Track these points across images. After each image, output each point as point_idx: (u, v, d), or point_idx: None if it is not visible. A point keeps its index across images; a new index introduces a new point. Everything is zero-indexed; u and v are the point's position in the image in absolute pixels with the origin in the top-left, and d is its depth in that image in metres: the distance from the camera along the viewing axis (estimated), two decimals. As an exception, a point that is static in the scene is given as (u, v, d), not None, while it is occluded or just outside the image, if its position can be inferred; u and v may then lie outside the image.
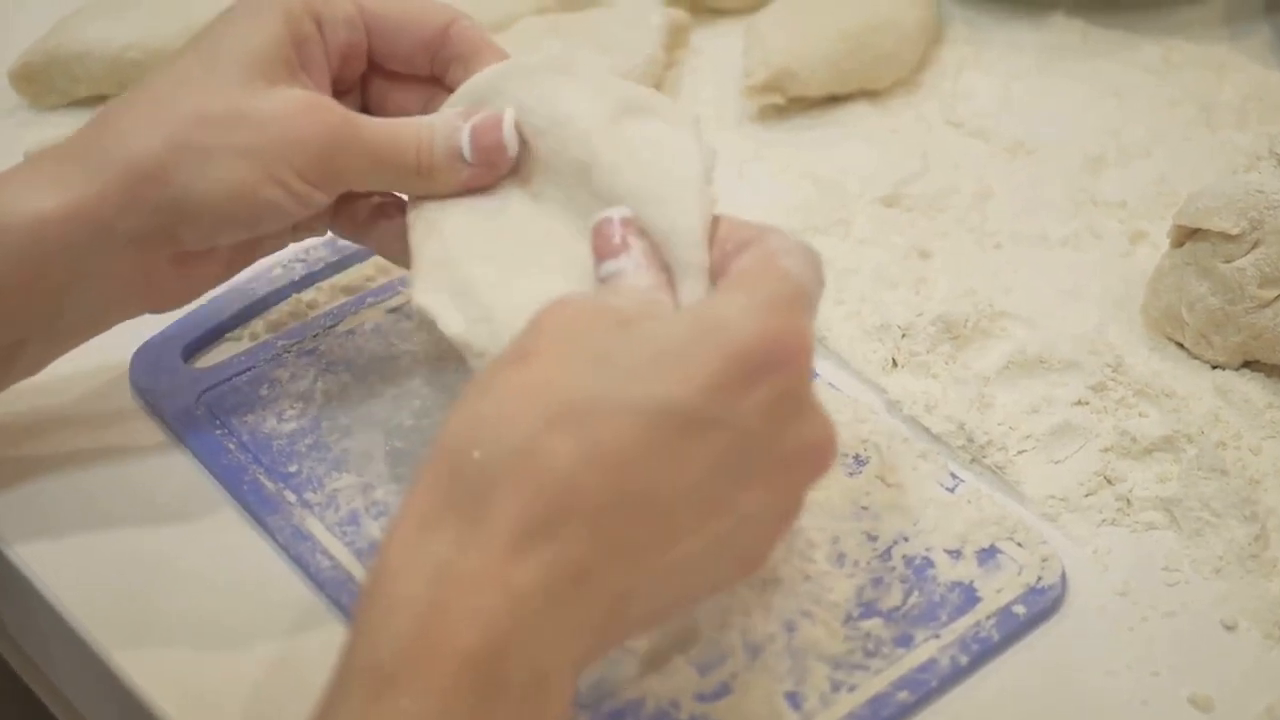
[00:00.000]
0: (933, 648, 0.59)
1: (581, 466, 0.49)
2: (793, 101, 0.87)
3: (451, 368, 0.69)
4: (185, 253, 0.62)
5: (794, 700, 0.57)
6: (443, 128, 0.62)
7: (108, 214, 0.59)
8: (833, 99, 0.88)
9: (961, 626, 0.60)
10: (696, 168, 0.58)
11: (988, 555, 0.62)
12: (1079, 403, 0.69)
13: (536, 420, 0.49)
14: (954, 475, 0.66)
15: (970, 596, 0.61)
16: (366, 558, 0.62)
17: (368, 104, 0.67)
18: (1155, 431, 0.67)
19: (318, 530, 0.63)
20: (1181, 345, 0.72)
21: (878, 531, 0.63)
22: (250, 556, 0.63)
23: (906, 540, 0.63)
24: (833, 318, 0.73)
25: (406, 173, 0.62)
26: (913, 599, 0.61)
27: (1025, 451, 0.67)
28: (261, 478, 0.65)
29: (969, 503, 0.64)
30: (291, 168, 0.59)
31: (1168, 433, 0.67)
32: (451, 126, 0.61)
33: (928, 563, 0.62)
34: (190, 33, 0.84)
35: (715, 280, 0.56)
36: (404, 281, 0.73)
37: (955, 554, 0.62)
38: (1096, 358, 0.70)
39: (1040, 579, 0.61)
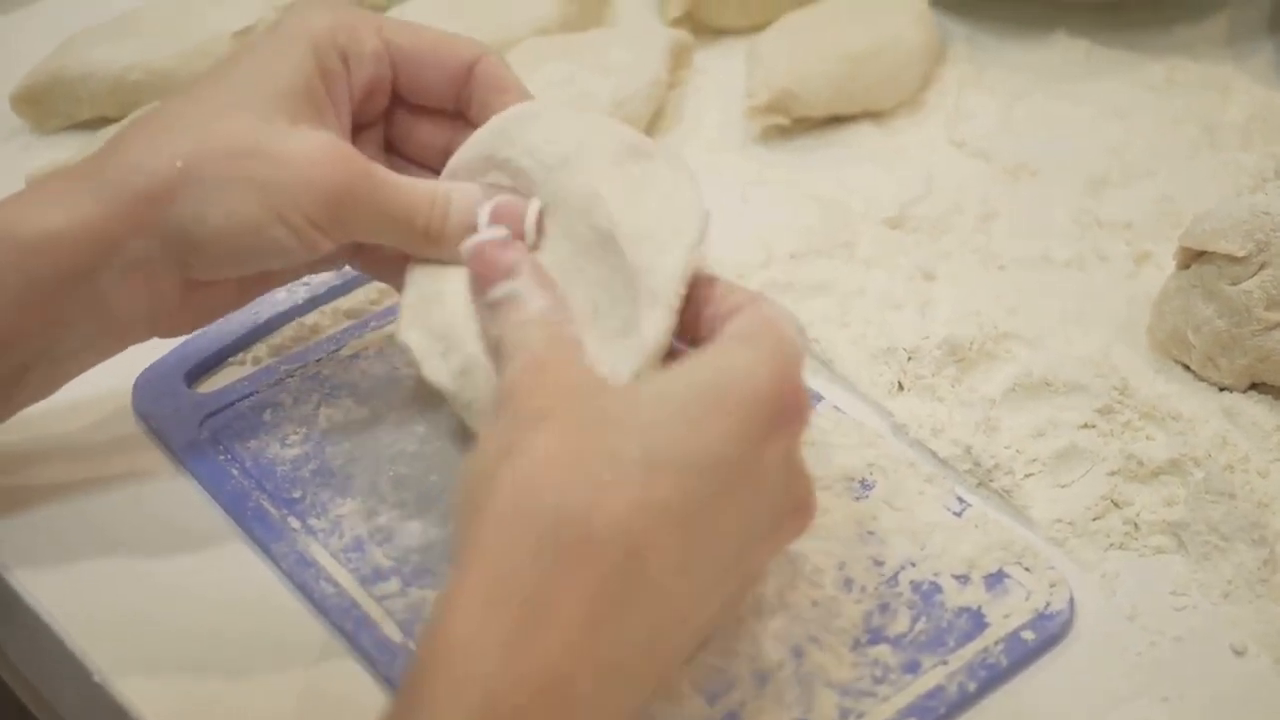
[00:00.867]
0: (941, 674, 0.59)
1: (645, 527, 0.48)
2: (796, 122, 0.87)
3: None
4: (193, 280, 0.61)
5: (802, 728, 0.57)
6: (460, 199, 0.61)
7: (115, 235, 0.59)
8: (836, 120, 0.88)
9: (969, 652, 0.59)
10: (692, 216, 0.58)
11: (995, 580, 0.62)
12: (1085, 426, 0.68)
13: (587, 486, 0.48)
14: (960, 499, 0.66)
15: (978, 622, 0.60)
16: (370, 584, 0.61)
17: (391, 138, 0.66)
18: (1162, 455, 0.67)
19: (322, 557, 0.63)
20: (1188, 367, 0.72)
21: (884, 556, 0.63)
22: (253, 582, 0.63)
23: (914, 565, 0.62)
24: (838, 340, 0.73)
25: (414, 235, 0.61)
26: (920, 625, 0.60)
27: (1032, 475, 0.67)
28: (265, 504, 0.65)
29: (976, 527, 0.64)
30: (301, 210, 0.59)
31: (1175, 456, 0.67)
32: (470, 200, 0.61)
33: (935, 588, 0.62)
34: (193, 55, 0.87)
35: (700, 338, 0.56)
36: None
37: (963, 579, 0.62)
38: (1102, 380, 0.69)
39: (1048, 604, 0.61)
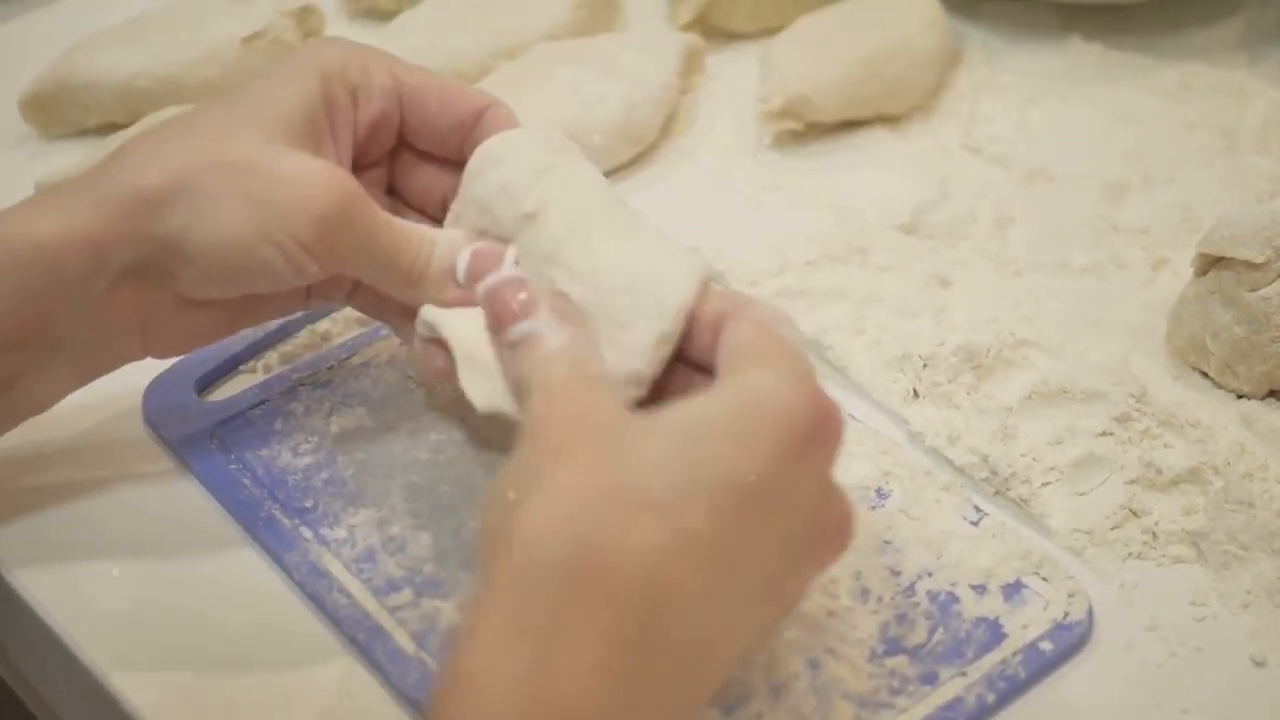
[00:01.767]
0: (959, 685, 0.58)
1: (671, 560, 0.48)
2: (810, 127, 0.86)
3: (466, 403, 0.68)
4: (185, 299, 0.61)
5: (819, 740, 0.56)
6: (444, 244, 0.61)
7: (105, 243, 0.58)
8: (850, 125, 0.87)
9: (988, 664, 0.59)
10: (686, 253, 0.58)
11: (1013, 590, 0.61)
12: (1103, 433, 0.68)
13: (611, 520, 0.48)
14: (978, 508, 0.65)
15: (996, 633, 0.60)
16: (383, 594, 0.61)
17: (394, 180, 0.67)
18: (1181, 463, 0.66)
19: (334, 567, 0.62)
20: (1206, 375, 0.71)
21: (901, 566, 0.62)
22: (261, 589, 0.63)
23: (930, 575, 0.62)
24: (853, 348, 0.72)
25: (397, 274, 0.61)
26: (938, 635, 0.60)
27: (1049, 484, 0.66)
28: (277, 513, 0.64)
29: (993, 536, 0.63)
30: (290, 231, 0.59)
31: (1193, 464, 0.66)
32: (452, 245, 0.61)
33: (952, 598, 0.61)
34: (201, 61, 0.87)
35: (686, 349, 0.56)
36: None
37: (980, 589, 0.61)
38: (1120, 388, 0.69)
39: (1067, 614, 0.60)
